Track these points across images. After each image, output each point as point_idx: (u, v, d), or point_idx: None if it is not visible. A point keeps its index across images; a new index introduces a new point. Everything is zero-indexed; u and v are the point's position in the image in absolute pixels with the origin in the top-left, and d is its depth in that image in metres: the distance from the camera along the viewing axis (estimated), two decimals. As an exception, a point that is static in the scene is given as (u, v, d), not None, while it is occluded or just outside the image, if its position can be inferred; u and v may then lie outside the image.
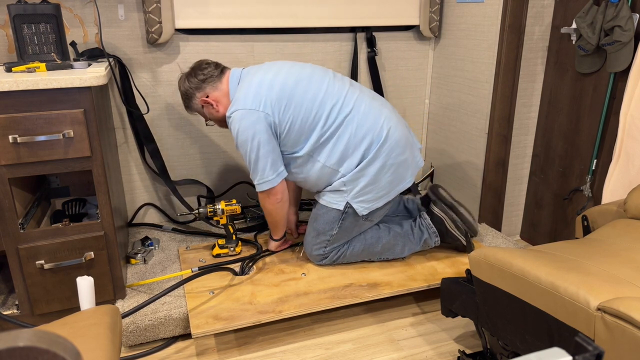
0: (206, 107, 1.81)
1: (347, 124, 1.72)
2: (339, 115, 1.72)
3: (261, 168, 1.71)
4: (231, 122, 1.70)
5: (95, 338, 0.97)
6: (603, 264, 1.16)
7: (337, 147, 1.73)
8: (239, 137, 1.69)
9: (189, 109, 1.85)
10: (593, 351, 0.48)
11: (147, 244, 2.03)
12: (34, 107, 1.39)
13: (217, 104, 1.78)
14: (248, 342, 1.67)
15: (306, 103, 1.70)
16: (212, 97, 1.78)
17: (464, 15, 2.23)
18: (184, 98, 1.82)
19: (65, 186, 2.01)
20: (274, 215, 1.84)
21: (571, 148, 2.08)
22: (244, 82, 1.74)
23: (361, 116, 1.73)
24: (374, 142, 1.73)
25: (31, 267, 1.51)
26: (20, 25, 1.55)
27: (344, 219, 1.80)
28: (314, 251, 1.85)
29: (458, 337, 1.70)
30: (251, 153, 1.69)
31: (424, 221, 1.90)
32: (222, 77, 1.79)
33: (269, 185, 1.74)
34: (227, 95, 1.78)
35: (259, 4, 2.11)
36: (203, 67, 1.79)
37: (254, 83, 1.71)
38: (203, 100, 1.78)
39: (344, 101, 1.73)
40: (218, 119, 1.83)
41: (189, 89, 1.78)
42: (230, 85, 1.78)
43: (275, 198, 1.77)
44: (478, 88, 2.20)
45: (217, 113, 1.80)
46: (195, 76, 1.77)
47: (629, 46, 1.71)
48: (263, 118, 1.66)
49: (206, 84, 1.77)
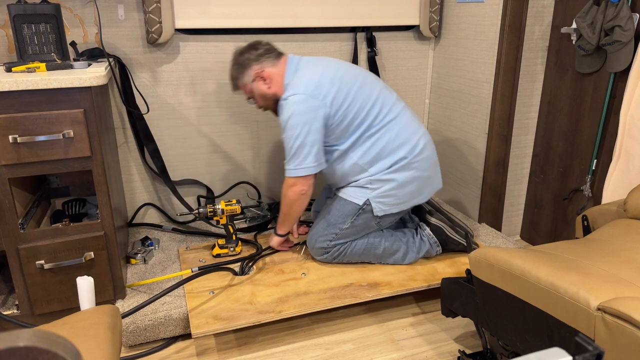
0: (257, 82, 1.81)
1: (389, 129, 1.78)
2: (384, 119, 1.78)
3: (304, 154, 1.71)
4: (286, 103, 1.72)
5: (95, 338, 0.97)
6: (603, 264, 1.16)
7: (374, 148, 1.78)
8: (290, 119, 1.70)
9: (238, 80, 1.84)
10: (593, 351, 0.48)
11: (147, 244, 2.03)
12: (34, 107, 1.40)
13: (269, 81, 1.79)
14: (248, 342, 1.67)
15: (360, 102, 1.76)
16: (266, 73, 1.79)
17: (464, 15, 2.23)
18: (238, 69, 1.82)
19: (65, 186, 2.01)
20: (292, 206, 1.82)
21: (571, 148, 2.08)
22: (303, 70, 1.77)
23: (403, 125, 1.80)
24: (410, 152, 1.80)
25: (31, 267, 1.51)
26: (20, 25, 1.55)
27: (358, 215, 1.82)
28: (318, 243, 1.84)
29: (458, 337, 1.70)
30: (299, 138, 1.69)
31: (424, 231, 1.90)
32: (279, 59, 1.81)
33: (306, 172, 1.73)
34: (282, 77, 1.79)
35: (259, 4, 2.11)
36: (263, 44, 1.82)
37: (317, 74, 1.74)
38: (257, 73, 1.79)
39: (391, 107, 1.81)
40: (264, 96, 1.83)
41: (247, 59, 1.79)
42: (288, 69, 1.79)
43: (302, 188, 1.77)
44: (478, 88, 2.20)
45: (267, 90, 1.80)
46: (256, 49, 1.80)
47: (629, 46, 1.71)
48: (321, 107, 1.70)
49: (265, 59, 1.79)
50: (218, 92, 2.20)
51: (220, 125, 2.25)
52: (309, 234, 1.91)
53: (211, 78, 2.17)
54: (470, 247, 1.92)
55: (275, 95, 1.80)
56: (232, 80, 1.86)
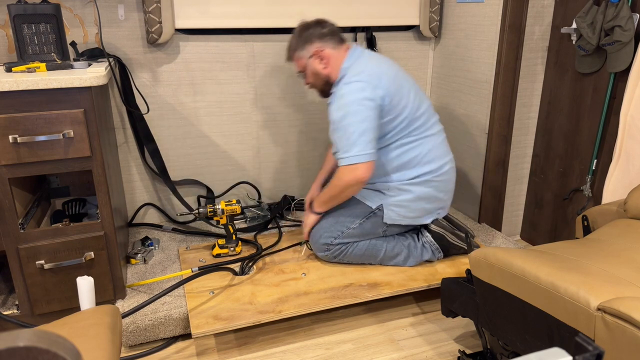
0: (314, 60, 1.81)
1: (423, 143, 1.81)
2: (423, 133, 1.81)
3: (367, 140, 1.68)
4: (348, 88, 1.70)
5: (95, 338, 0.97)
6: (603, 264, 1.15)
7: (404, 155, 1.80)
8: (351, 106, 1.68)
9: (296, 52, 1.83)
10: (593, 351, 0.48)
11: (147, 244, 2.03)
12: (34, 107, 1.39)
13: (326, 62, 1.80)
14: (248, 342, 1.67)
15: (409, 109, 1.77)
16: (326, 53, 1.79)
17: (464, 15, 2.23)
18: (299, 41, 1.81)
19: (65, 186, 2.01)
20: (345, 191, 1.76)
21: (571, 148, 2.07)
22: (365, 61, 1.77)
23: (436, 144, 1.85)
24: (434, 171, 1.83)
25: (31, 267, 1.51)
26: (20, 25, 1.55)
27: (368, 218, 1.83)
28: (323, 238, 1.84)
29: (458, 337, 1.70)
30: (363, 123, 1.67)
31: (426, 238, 1.90)
32: (341, 44, 1.82)
33: (369, 158, 1.68)
34: (340, 62, 1.80)
35: (259, 4, 2.11)
36: (329, 23, 1.83)
37: (379, 69, 1.75)
38: (318, 50, 1.79)
39: (431, 125, 1.85)
40: (317, 75, 1.82)
41: (311, 35, 1.79)
42: (350, 55, 1.80)
43: (364, 174, 1.69)
44: (478, 88, 2.20)
45: (322, 70, 1.81)
46: (322, 27, 1.80)
47: (629, 46, 1.71)
48: (381, 99, 1.70)
49: (328, 39, 1.80)
50: (218, 92, 2.20)
51: (220, 125, 2.25)
52: (314, 228, 1.91)
53: (211, 78, 2.17)
54: (471, 247, 1.92)
55: (328, 77, 1.81)
56: (290, 50, 1.85)
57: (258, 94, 2.26)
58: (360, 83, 1.70)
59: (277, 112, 2.32)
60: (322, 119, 2.40)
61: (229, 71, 2.18)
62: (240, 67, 2.19)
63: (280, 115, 2.33)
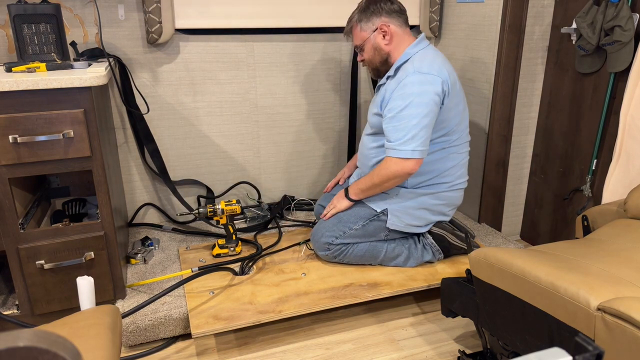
0: (377, 34, 1.76)
1: (452, 158, 1.81)
2: (456, 147, 1.81)
3: (424, 136, 1.64)
4: (418, 78, 1.64)
5: (95, 338, 0.97)
6: (603, 263, 1.15)
7: (429, 163, 1.78)
8: (418, 97, 1.62)
9: (360, 23, 1.78)
10: (593, 351, 0.48)
11: (147, 244, 2.03)
12: (34, 107, 1.39)
13: (390, 38, 1.75)
14: (248, 342, 1.67)
15: (456, 118, 1.76)
16: (391, 29, 1.75)
17: (464, 15, 2.23)
18: (366, 13, 1.76)
19: (65, 186, 2.01)
20: (389, 181, 1.72)
21: (571, 148, 2.07)
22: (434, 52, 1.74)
23: (460, 162, 1.85)
24: (448, 185, 1.84)
25: (31, 267, 1.51)
26: (20, 25, 1.55)
27: (371, 221, 1.83)
28: (324, 237, 1.84)
29: (458, 337, 1.70)
30: (426, 117, 1.63)
31: (427, 240, 1.90)
32: (407, 27, 1.80)
33: (423, 155, 1.66)
34: (405, 44, 1.76)
35: (259, 4, 2.11)
36: (398, 2, 1.79)
37: (448, 65, 1.73)
38: (384, 25, 1.74)
39: (462, 142, 1.84)
40: (378, 50, 1.78)
41: (380, 8, 1.75)
42: (417, 42, 1.76)
43: (414, 169, 1.66)
44: (478, 88, 2.20)
45: (385, 46, 1.76)
46: (392, 3, 1.77)
47: (629, 46, 1.71)
48: (444, 95, 1.68)
49: (397, 16, 1.77)
50: (218, 92, 2.20)
51: (220, 125, 2.25)
52: (315, 226, 1.91)
53: (211, 78, 2.17)
54: (471, 247, 1.92)
55: (389, 55, 1.77)
56: (353, 22, 1.80)
57: (258, 94, 2.26)
58: (432, 76, 1.64)
59: (277, 112, 2.32)
60: (322, 119, 2.40)
61: (229, 71, 2.18)
62: (240, 67, 2.19)
63: (280, 115, 2.33)
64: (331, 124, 2.43)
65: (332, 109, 2.40)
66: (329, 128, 2.43)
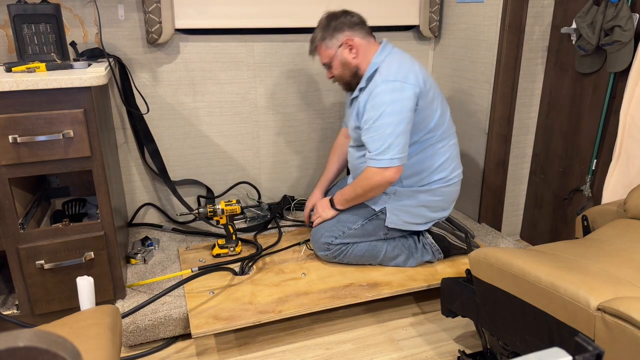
0: (344, 49, 1.77)
1: (442, 152, 1.82)
2: (444, 140, 1.82)
3: (403, 143, 1.66)
4: (386, 87, 1.66)
5: (95, 338, 0.97)
6: (603, 263, 1.15)
7: (421, 163, 1.80)
8: (389, 106, 1.64)
9: (324, 42, 1.79)
10: (593, 351, 0.48)
11: (147, 244, 2.03)
12: (34, 107, 1.39)
13: (356, 52, 1.77)
14: (248, 342, 1.67)
15: (437, 113, 1.77)
16: (356, 42, 1.76)
17: (464, 15, 2.23)
18: (329, 31, 1.77)
19: (65, 186, 2.01)
20: (372, 191, 1.75)
21: (571, 148, 2.07)
22: (399, 57, 1.75)
23: (451, 156, 1.86)
24: (443, 180, 1.84)
25: (31, 267, 1.51)
26: (20, 25, 1.55)
27: (370, 220, 1.83)
28: (324, 238, 1.84)
29: (458, 337, 1.70)
30: (400, 125, 1.64)
31: (427, 240, 1.90)
32: (370, 36, 1.80)
33: (402, 162, 1.68)
34: (370, 54, 1.77)
35: (259, 4, 2.11)
36: (356, 14, 1.80)
37: (415, 66, 1.73)
38: (348, 40, 1.75)
39: (449, 135, 1.85)
40: (346, 65, 1.79)
41: (341, 23, 1.76)
42: (381, 50, 1.76)
43: (395, 177, 1.69)
44: (478, 88, 2.20)
45: (353, 60, 1.77)
46: (351, 16, 1.78)
47: (629, 46, 1.71)
48: (416, 97, 1.68)
49: (359, 29, 1.78)
50: (218, 92, 2.20)
51: (220, 125, 2.25)
52: (315, 227, 1.91)
53: (211, 78, 2.17)
54: (471, 247, 1.92)
55: (358, 67, 1.78)
56: (317, 41, 1.81)
57: (258, 94, 2.26)
58: (398, 82, 1.66)
59: (277, 112, 2.32)
60: (322, 119, 2.40)
61: (229, 71, 2.18)
62: (240, 67, 2.19)
63: (280, 115, 2.33)
64: (331, 124, 2.43)
65: (332, 109, 2.40)
66: (329, 128, 2.43)
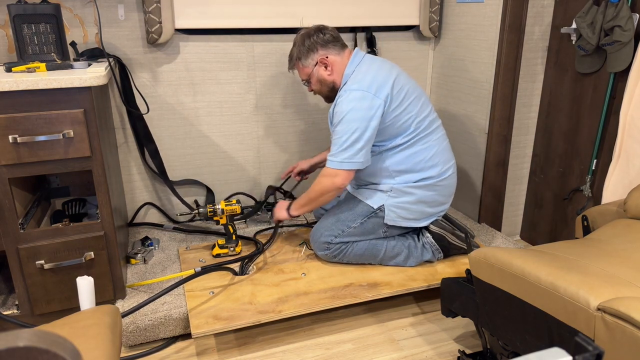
0: (319, 67, 1.82)
1: (429, 147, 1.82)
2: (427, 136, 1.82)
3: (357, 149, 1.71)
4: (347, 96, 1.72)
5: (95, 338, 0.97)
6: (603, 263, 1.16)
7: (409, 159, 1.81)
8: (350, 113, 1.70)
9: (300, 61, 1.84)
10: (593, 351, 0.48)
11: (147, 244, 2.03)
12: (34, 107, 1.39)
13: (331, 69, 1.81)
14: (248, 342, 1.67)
15: (413, 113, 1.78)
16: (330, 60, 1.80)
17: (464, 15, 2.23)
18: (303, 50, 1.81)
19: (65, 186, 2.01)
20: (323, 195, 1.79)
21: (571, 148, 2.07)
22: (367, 66, 1.78)
23: (441, 149, 1.86)
24: (438, 175, 1.84)
25: (31, 267, 1.51)
26: (20, 25, 1.55)
27: (369, 218, 1.83)
28: (323, 237, 1.84)
29: (458, 337, 1.70)
30: (355, 132, 1.69)
31: (427, 239, 1.90)
32: (344, 50, 1.84)
33: (353, 167, 1.73)
34: (344, 67, 1.81)
35: (259, 4, 2.11)
36: (329, 29, 1.83)
37: (381, 74, 1.75)
38: (322, 59, 1.80)
39: (435, 128, 1.86)
40: (323, 82, 1.84)
41: (314, 43, 1.79)
42: (352, 61, 1.80)
43: (343, 182, 1.74)
44: (478, 88, 2.20)
45: (328, 77, 1.82)
46: (323, 34, 1.80)
47: (629, 46, 1.71)
48: (381, 107, 1.71)
49: (331, 46, 1.81)
50: (218, 92, 2.20)
51: (220, 125, 2.25)
52: (315, 227, 1.91)
53: (211, 78, 2.17)
54: (470, 247, 1.92)
55: (334, 83, 1.83)
56: (294, 60, 1.86)
57: (258, 94, 2.26)
58: (360, 92, 1.71)
59: (277, 112, 2.32)
60: (322, 119, 2.40)
61: (229, 71, 2.18)
62: (240, 67, 2.19)
63: (280, 115, 2.33)
64: (331, 124, 2.43)
65: (332, 109, 2.40)
66: (329, 128, 2.43)
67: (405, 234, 1.94)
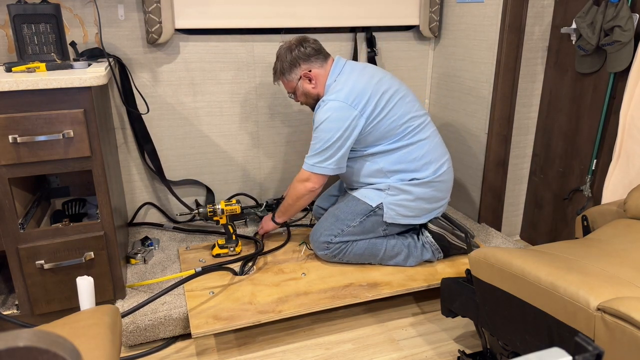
0: (303, 81, 1.84)
1: (420, 146, 1.84)
2: (417, 135, 1.83)
3: (328, 155, 1.76)
4: (324, 106, 1.76)
5: (95, 338, 0.97)
6: (603, 263, 1.16)
7: (402, 159, 1.82)
8: (325, 123, 1.74)
9: (284, 76, 1.86)
10: (593, 351, 0.48)
11: (147, 244, 2.03)
12: (34, 107, 1.39)
13: (315, 81, 1.83)
14: (248, 342, 1.67)
15: (398, 115, 1.80)
16: (313, 74, 1.82)
17: (464, 15, 2.23)
18: (286, 65, 1.83)
19: (65, 186, 2.01)
20: (298, 200, 1.86)
21: (571, 148, 2.08)
22: (347, 76, 1.80)
23: (433, 146, 1.87)
24: (433, 173, 1.85)
25: (31, 267, 1.51)
26: (20, 25, 1.55)
27: (368, 216, 1.84)
28: (323, 237, 1.85)
29: (458, 337, 1.70)
30: (329, 140, 1.74)
31: (426, 238, 1.90)
32: (327, 60, 1.85)
33: (324, 172, 1.78)
34: (326, 78, 1.83)
35: (259, 4, 2.11)
36: (311, 42, 1.84)
37: (360, 83, 1.77)
38: (305, 73, 1.82)
39: (424, 127, 1.86)
40: (308, 95, 1.87)
41: (297, 58, 1.81)
42: (332, 71, 1.83)
43: (314, 186, 1.81)
44: (478, 88, 2.20)
45: (313, 90, 1.85)
46: (305, 48, 1.82)
47: (628, 46, 1.71)
48: (357, 118, 1.74)
49: (314, 59, 1.82)
50: (218, 92, 2.20)
51: (220, 125, 2.25)
52: (314, 226, 1.92)
53: (211, 78, 2.17)
54: (470, 247, 1.92)
55: (319, 95, 1.85)
56: (279, 74, 1.88)
57: (258, 94, 2.26)
58: (336, 102, 1.74)
59: (277, 112, 2.32)
60: (322, 119, 2.40)
61: (229, 71, 2.18)
62: (240, 67, 2.19)
63: (280, 115, 2.33)
64: (331, 124, 2.43)
65: (332, 109, 2.40)
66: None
67: (405, 233, 1.94)
